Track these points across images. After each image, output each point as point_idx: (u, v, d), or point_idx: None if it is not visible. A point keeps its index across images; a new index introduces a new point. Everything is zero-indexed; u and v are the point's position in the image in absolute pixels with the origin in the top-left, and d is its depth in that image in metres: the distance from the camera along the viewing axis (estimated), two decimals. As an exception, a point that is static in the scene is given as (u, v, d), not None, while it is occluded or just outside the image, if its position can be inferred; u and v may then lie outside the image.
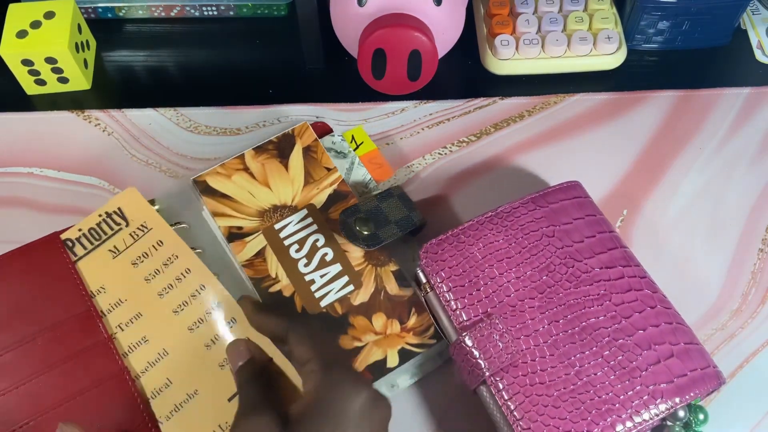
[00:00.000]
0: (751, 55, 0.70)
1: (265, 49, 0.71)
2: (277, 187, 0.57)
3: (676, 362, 0.48)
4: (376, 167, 0.60)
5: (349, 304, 0.54)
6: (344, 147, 0.60)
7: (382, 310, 0.54)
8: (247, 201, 0.57)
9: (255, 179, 0.58)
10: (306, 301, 0.54)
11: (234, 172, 0.58)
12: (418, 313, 0.53)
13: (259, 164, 0.58)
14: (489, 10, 0.69)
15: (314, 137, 0.59)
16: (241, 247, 0.55)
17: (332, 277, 0.55)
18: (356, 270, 0.55)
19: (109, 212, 0.55)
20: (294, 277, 0.54)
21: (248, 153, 0.58)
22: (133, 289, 0.53)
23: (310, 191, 0.57)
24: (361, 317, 0.53)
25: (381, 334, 0.53)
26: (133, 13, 0.72)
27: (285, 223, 0.56)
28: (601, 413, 0.47)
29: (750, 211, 0.61)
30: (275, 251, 0.55)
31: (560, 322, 0.49)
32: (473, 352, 0.49)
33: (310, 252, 0.55)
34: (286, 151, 0.59)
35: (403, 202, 0.57)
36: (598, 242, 0.53)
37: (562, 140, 0.64)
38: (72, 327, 0.51)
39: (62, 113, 0.67)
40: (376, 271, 0.55)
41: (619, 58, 0.68)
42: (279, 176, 0.58)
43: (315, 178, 0.58)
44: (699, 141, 0.64)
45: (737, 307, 0.57)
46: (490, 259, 0.52)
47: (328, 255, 0.55)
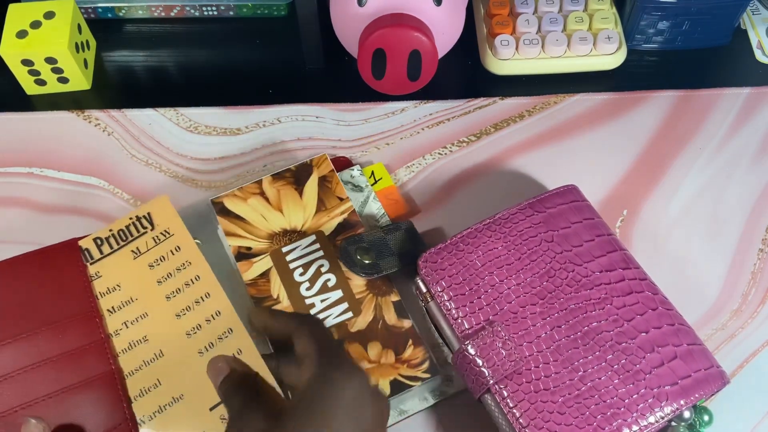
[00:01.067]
0: (751, 55, 0.70)
1: (265, 49, 0.71)
2: (290, 212, 0.59)
3: (680, 364, 0.48)
4: (392, 203, 0.61)
5: (346, 331, 0.54)
6: (362, 181, 0.61)
7: (378, 339, 0.54)
8: (259, 223, 0.58)
9: (269, 203, 0.59)
10: None
11: (250, 196, 0.59)
12: (415, 345, 0.53)
13: (275, 190, 0.59)
14: (489, 10, 0.69)
15: (331, 168, 0.60)
16: (247, 267, 0.56)
17: (332, 302, 0.55)
18: (357, 297, 0.55)
19: (139, 216, 0.56)
20: (294, 300, 0.55)
21: (266, 179, 0.60)
22: (144, 289, 0.54)
23: (321, 218, 0.58)
24: (356, 344, 0.53)
25: (375, 363, 0.53)
26: (133, 13, 0.72)
27: (293, 247, 0.57)
28: (606, 418, 0.47)
29: (750, 211, 0.61)
30: (280, 273, 0.56)
31: (562, 328, 0.49)
32: (476, 361, 0.49)
33: (314, 276, 0.56)
34: (303, 180, 0.60)
35: (410, 236, 0.57)
36: (597, 246, 0.53)
37: (562, 140, 0.65)
38: (72, 325, 0.52)
39: (62, 113, 0.67)
40: (377, 300, 0.55)
41: (619, 58, 0.68)
42: (293, 202, 0.59)
43: (327, 206, 0.59)
44: (699, 141, 0.64)
45: (737, 307, 0.57)
46: (490, 266, 0.52)
47: (330, 281, 0.56)
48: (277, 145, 0.65)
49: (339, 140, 0.65)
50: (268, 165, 0.64)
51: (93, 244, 0.55)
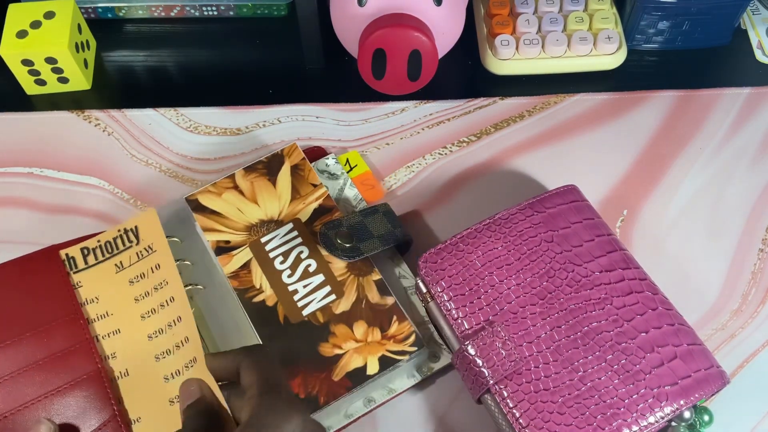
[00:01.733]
0: (751, 55, 0.70)
1: (265, 49, 0.71)
2: (265, 202, 0.59)
3: (680, 364, 0.48)
4: (368, 188, 0.61)
5: (331, 313, 0.54)
6: (337, 169, 0.62)
7: (363, 318, 0.54)
8: (235, 217, 0.58)
9: (244, 196, 0.59)
10: (288, 310, 0.55)
11: (224, 191, 0.59)
12: (399, 321, 0.54)
13: (248, 182, 0.60)
14: (489, 10, 0.69)
15: (302, 156, 0.61)
16: (228, 260, 0.57)
17: (315, 287, 0.56)
18: (339, 280, 0.56)
19: (127, 229, 0.56)
20: (277, 288, 0.55)
21: (239, 173, 0.60)
22: (121, 305, 0.53)
23: (296, 206, 0.59)
24: (342, 325, 0.54)
25: (362, 342, 0.53)
26: (133, 13, 0.72)
27: (271, 237, 0.58)
28: (606, 418, 0.47)
29: (750, 211, 0.61)
30: (260, 263, 0.56)
31: (562, 328, 0.50)
32: (476, 361, 0.49)
33: (294, 263, 0.56)
34: (275, 170, 0.60)
35: (388, 218, 0.58)
36: (597, 246, 0.53)
37: (563, 140, 0.65)
38: (57, 328, 0.53)
39: (62, 113, 0.67)
40: (359, 280, 0.56)
41: (619, 58, 0.68)
42: (267, 193, 0.59)
43: (301, 193, 0.59)
44: (699, 141, 0.64)
45: (737, 307, 0.57)
46: (490, 266, 0.52)
47: (311, 266, 0.56)
48: (277, 145, 0.65)
49: (339, 140, 0.65)
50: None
51: (80, 253, 0.55)
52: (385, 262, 0.58)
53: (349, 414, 0.52)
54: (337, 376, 0.52)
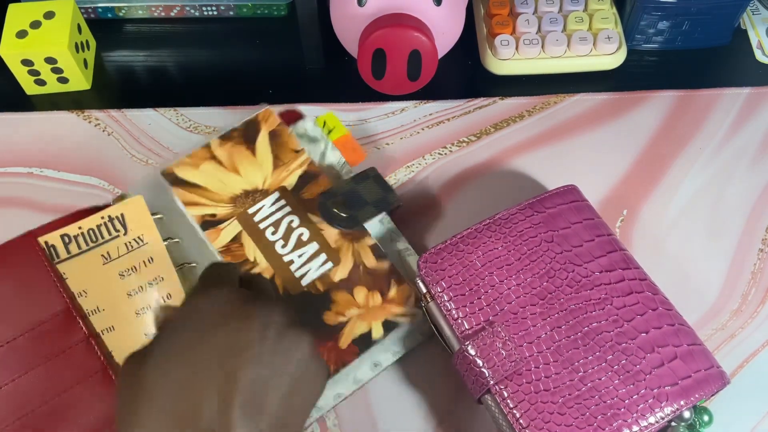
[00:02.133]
0: (751, 55, 0.70)
1: (265, 49, 0.71)
2: (247, 172, 0.58)
3: (680, 364, 0.48)
4: (350, 151, 0.60)
5: (330, 281, 0.54)
6: (317, 132, 0.60)
7: (362, 283, 0.54)
8: (217, 188, 0.57)
9: (223, 166, 0.58)
10: (287, 281, 0.54)
11: (202, 161, 0.58)
12: (398, 283, 0.54)
13: (225, 151, 0.58)
14: (489, 10, 0.69)
15: (279, 121, 0.60)
16: (216, 235, 0.56)
17: (310, 256, 0.55)
18: (333, 247, 0.56)
19: (111, 216, 0.54)
20: (273, 260, 0.55)
21: (214, 141, 0.59)
22: (113, 300, 0.52)
23: (280, 174, 0.58)
24: (342, 292, 0.54)
25: (364, 308, 0.54)
26: (133, 13, 0.72)
27: (258, 207, 0.57)
28: (606, 418, 0.47)
29: (750, 211, 0.61)
30: (251, 235, 0.56)
31: (562, 328, 0.50)
32: (476, 361, 0.49)
33: (286, 233, 0.56)
34: (252, 137, 0.59)
35: (378, 183, 0.58)
36: (597, 246, 0.53)
37: (562, 140, 0.65)
38: (52, 326, 0.51)
39: (62, 113, 0.67)
40: (353, 246, 0.56)
41: (619, 58, 0.68)
42: (247, 161, 0.58)
43: (284, 160, 0.58)
44: (699, 141, 0.64)
45: (737, 307, 0.57)
46: (490, 266, 0.52)
47: (304, 235, 0.56)
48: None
49: (339, 140, 0.65)
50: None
51: (60, 241, 0.53)
52: (375, 225, 0.58)
53: (358, 379, 0.53)
54: (344, 344, 0.52)
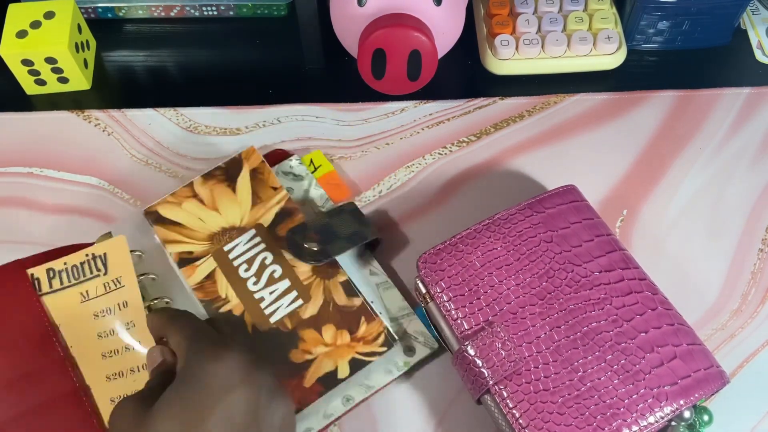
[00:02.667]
0: (751, 55, 0.70)
1: (265, 49, 0.71)
2: (226, 209, 0.58)
3: (680, 364, 0.48)
4: (333, 188, 0.61)
5: (299, 318, 0.54)
6: (302, 170, 0.61)
7: (331, 321, 0.54)
8: (196, 226, 0.57)
9: (204, 205, 0.58)
10: (256, 318, 0.54)
11: (184, 200, 0.58)
12: (368, 321, 0.54)
13: (207, 190, 0.59)
14: (489, 10, 0.69)
15: (261, 159, 0.60)
16: (191, 271, 0.56)
17: (281, 293, 0.55)
18: (304, 284, 0.55)
19: (95, 255, 0.54)
20: (244, 296, 0.55)
21: (197, 180, 0.59)
22: (83, 340, 0.52)
23: (258, 211, 0.58)
24: (310, 330, 0.54)
25: (331, 346, 0.53)
26: (133, 13, 0.72)
27: (234, 245, 0.57)
28: (606, 418, 0.47)
29: (750, 211, 0.61)
30: (225, 272, 0.56)
31: (562, 328, 0.49)
32: (476, 362, 0.49)
33: (259, 270, 0.56)
34: (234, 175, 0.60)
35: (354, 217, 0.57)
36: (596, 246, 0.53)
37: (562, 140, 0.64)
38: (28, 347, 0.51)
39: (62, 113, 0.67)
40: (324, 283, 0.55)
41: (619, 58, 0.68)
42: (227, 199, 0.59)
43: (262, 198, 0.58)
44: (699, 141, 0.64)
45: (737, 307, 0.57)
46: (489, 266, 0.52)
47: (276, 272, 0.56)
48: (277, 145, 0.65)
49: (339, 140, 0.65)
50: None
51: (45, 274, 0.54)
52: (354, 260, 0.58)
53: (328, 414, 0.52)
54: (308, 382, 0.52)
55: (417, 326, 0.55)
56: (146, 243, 0.58)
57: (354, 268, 0.57)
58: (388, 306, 0.56)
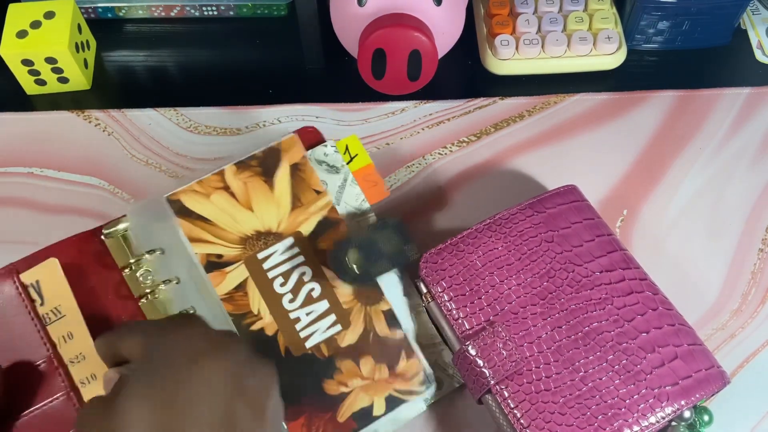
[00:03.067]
0: (751, 55, 0.70)
1: (265, 49, 0.71)
2: (261, 210, 0.52)
3: (681, 364, 0.48)
4: (371, 185, 0.54)
5: (337, 346, 0.50)
6: (338, 160, 0.54)
7: (370, 353, 0.50)
8: (227, 225, 0.51)
9: (236, 200, 0.52)
10: (290, 341, 0.49)
11: (213, 191, 0.51)
12: (408, 357, 0.50)
13: (241, 183, 0.52)
14: (489, 10, 0.69)
15: (302, 154, 0.53)
16: (220, 279, 0.50)
17: (319, 315, 0.50)
18: (344, 308, 0.50)
19: (25, 284, 0.48)
20: (278, 315, 0.50)
21: (229, 169, 0.52)
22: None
23: (298, 217, 0.52)
24: (348, 360, 0.49)
25: (368, 380, 0.49)
26: (133, 13, 0.72)
27: (269, 253, 0.51)
28: (607, 418, 0.47)
29: (750, 211, 0.61)
30: (258, 284, 0.50)
31: (563, 328, 0.50)
32: (477, 361, 0.49)
33: (296, 286, 0.50)
34: (271, 169, 0.53)
35: (399, 233, 0.52)
36: (597, 246, 0.53)
37: (562, 140, 0.65)
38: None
39: (62, 113, 0.67)
40: (366, 310, 0.50)
41: (619, 58, 0.68)
42: (264, 198, 0.52)
43: (303, 202, 0.52)
44: (699, 141, 0.64)
45: (737, 307, 0.57)
46: (491, 266, 0.52)
47: (315, 291, 0.50)
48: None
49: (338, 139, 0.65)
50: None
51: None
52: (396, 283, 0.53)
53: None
54: (342, 417, 0.48)
55: (447, 357, 0.52)
56: (163, 238, 0.51)
57: (396, 293, 0.52)
58: (420, 333, 0.52)
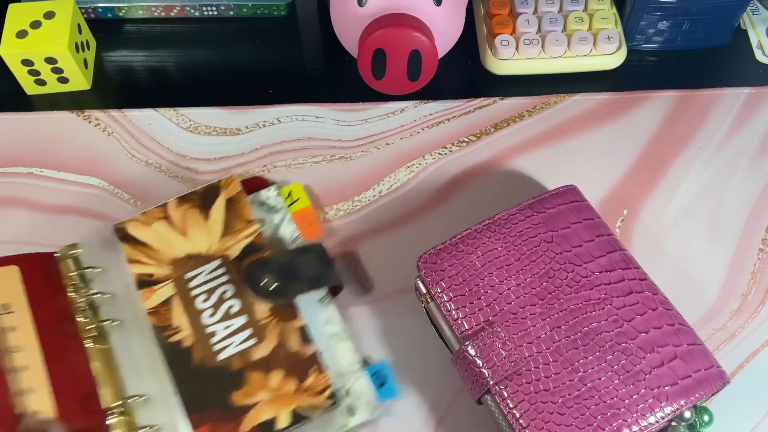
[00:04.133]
0: (751, 55, 0.70)
1: (265, 49, 0.71)
2: (195, 236, 0.57)
3: (680, 364, 0.48)
4: (307, 225, 0.59)
5: (248, 359, 0.52)
6: (278, 202, 0.60)
7: (281, 366, 0.52)
8: (162, 249, 0.56)
9: (173, 228, 0.57)
10: (204, 353, 0.52)
11: (155, 221, 0.57)
12: (318, 372, 0.51)
13: (180, 213, 0.57)
14: (489, 10, 0.69)
15: (239, 189, 0.58)
16: (149, 294, 0.54)
17: (235, 329, 0.53)
18: (261, 324, 0.53)
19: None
20: (196, 328, 0.53)
21: (172, 202, 0.58)
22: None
23: (227, 242, 0.56)
24: (258, 373, 0.52)
25: (275, 392, 0.51)
26: (133, 13, 0.72)
27: (196, 273, 0.55)
28: (606, 418, 0.47)
29: (750, 211, 0.61)
30: (182, 300, 0.54)
31: (562, 328, 0.50)
32: (476, 362, 0.49)
33: (217, 303, 0.54)
34: (209, 202, 0.58)
35: (320, 259, 0.55)
36: (596, 246, 0.53)
37: (562, 140, 0.65)
38: None
39: (62, 113, 0.67)
40: (281, 325, 0.53)
41: (619, 58, 0.68)
42: (198, 225, 0.57)
43: (234, 229, 0.57)
44: (699, 141, 0.64)
45: (737, 307, 0.57)
46: (490, 267, 0.52)
47: (234, 307, 0.54)
48: (277, 145, 0.65)
49: (339, 140, 0.65)
50: (267, 165, 0.64)
51: None
52: (313, 305, 0.55)
53: None
54: (244, 428, 0.50)
55: (363, 386, 0.53)
56: (112, 259, 0.57)
57: (312, 313, 0.55)
58: (338, 359, 0.54)
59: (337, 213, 0.61)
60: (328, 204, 0.62)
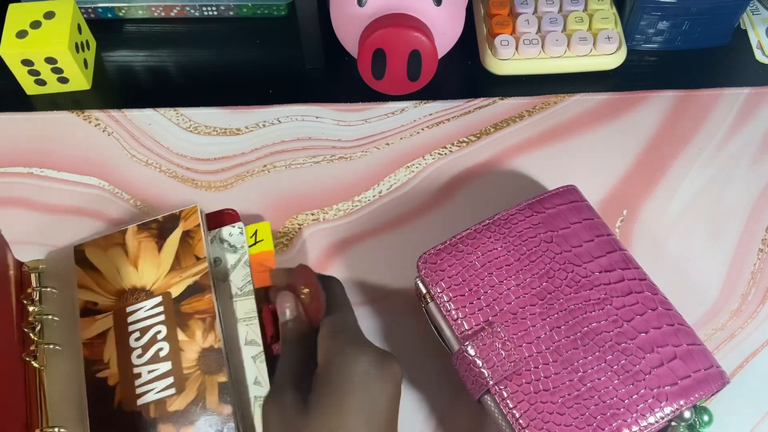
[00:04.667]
0: (751, 55, 0.70)
1: (265, 49, 0.71)
2: (144, 268, 0.55)
3: (680, 364, 0.48)
4: (262, 270, 0.56)
5: (164, 409, 0.50)
6: (240, 242, 0.57)
7: (192, 424, 0.49)
8: (111, 278, 0.54)
9: (127, 257, 0.55)
10: (126, 395, 0.50)
11: (111, 246, 0.56)
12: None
13: (136, 242, 0.56)
14: (489, 10, 0.69)
15: (197, 223, 0.56)
16: (90, 324, 0.53)
17: (159, 375, 0.51)
18: (184, 373, 0.51)
19: None
20: (123, 367, 0.51)
21: (131, 229, 0.56)
22: None
23: (173, 278, 0.54)
24: (169, 426, 0.49)
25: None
26: (133, 13, 0.72)
27: (137, 308, 0.53)
28: (606, 418, 0.47)
29: (750, 211, 0.61)
30: (117, 336, 0.52)
31: (562, 328, 0.49)
32: (476, 362, 0.49)
33: (148, 343, 0.52)
34: (166, 233, 0.56)
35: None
36: (596, 246, 0.53)
37: (562, 140, 0.65)
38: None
39: (62, 113, 0.67)
40: (203, 378, 0.50)
41: (619, 58, 0.68)
42: (150, 257, 0.55)
43: (182, 265, 0.54)
44: (699, 141, 0.64)
45: (737, 307, 0.57)
46: (490, 267, 0.52)
47: (163, 350, 0.52)
48: (277, 145, 0.65)
49: (339, 140, 0.65)
50: (267, 165, 0.64)
51: None
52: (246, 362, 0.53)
53: None
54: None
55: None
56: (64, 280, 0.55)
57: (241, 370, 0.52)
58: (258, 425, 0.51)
59: (337, 213, 0.62)
60: (328, 204, 0.62)
